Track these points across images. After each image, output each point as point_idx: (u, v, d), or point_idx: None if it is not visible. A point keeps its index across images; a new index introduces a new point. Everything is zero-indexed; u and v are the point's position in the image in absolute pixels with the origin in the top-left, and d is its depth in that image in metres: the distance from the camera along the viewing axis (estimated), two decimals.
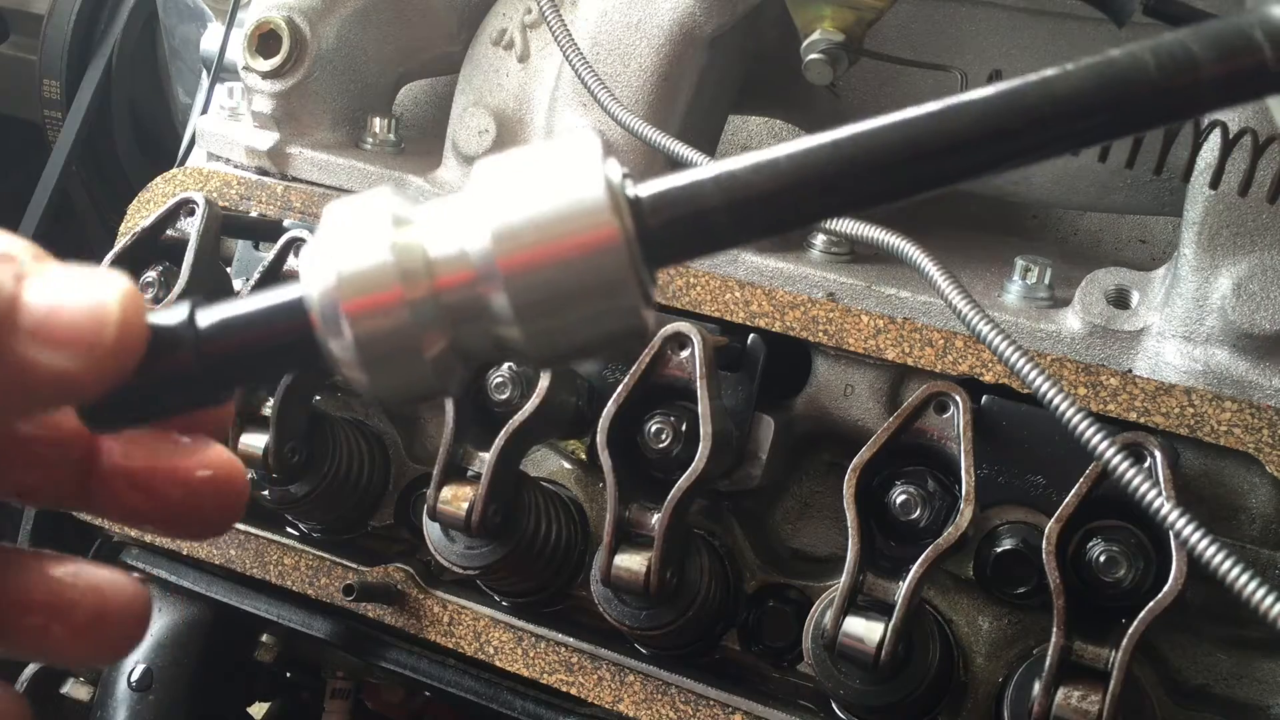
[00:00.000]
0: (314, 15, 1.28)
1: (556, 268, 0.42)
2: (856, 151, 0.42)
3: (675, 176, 0.44)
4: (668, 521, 0.98)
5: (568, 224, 0.42)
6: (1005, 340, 0.79)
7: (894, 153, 0.42)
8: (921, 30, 1.30)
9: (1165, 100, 0.41)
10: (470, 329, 0.44)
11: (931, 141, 0.42)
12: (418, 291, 0.43)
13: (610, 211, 0.42)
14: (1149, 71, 0.40)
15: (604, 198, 0.42)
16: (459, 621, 1.11)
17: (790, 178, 0.43)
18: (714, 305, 1.07)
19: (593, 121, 1.18)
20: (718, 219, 0.43)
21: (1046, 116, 0.41)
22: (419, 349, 0.43)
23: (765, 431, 1.07)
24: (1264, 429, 0.90)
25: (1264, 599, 0.60)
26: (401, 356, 0.43)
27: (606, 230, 0.42)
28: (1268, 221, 0.96)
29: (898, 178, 0.43)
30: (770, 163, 0.43)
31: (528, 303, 0.42)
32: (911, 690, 0.95)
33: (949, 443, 0.97)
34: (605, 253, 0.42)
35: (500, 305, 0.43)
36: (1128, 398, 0.94)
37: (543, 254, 0.42)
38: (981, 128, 0.42)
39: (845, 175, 0.42)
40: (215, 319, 0.46)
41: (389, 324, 0.43)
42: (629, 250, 0.42)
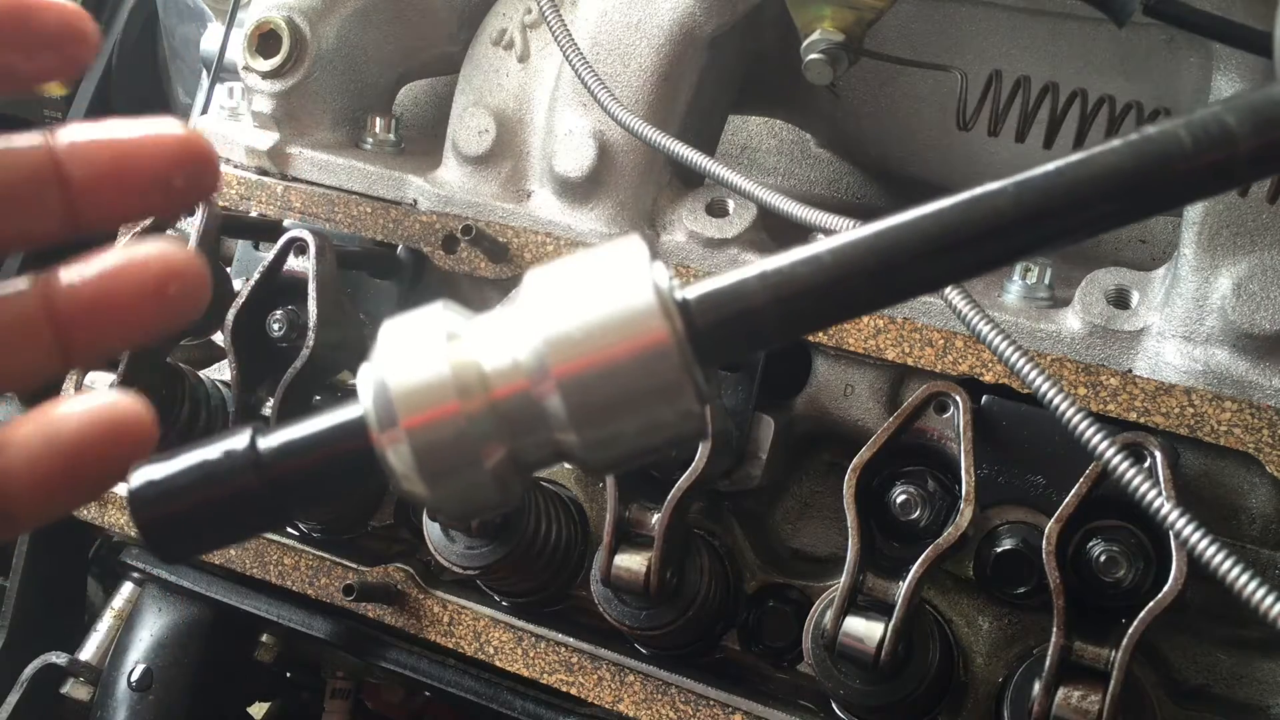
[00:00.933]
0: (314, 15, 1.28)
1: (610, 373, 0.43)
2: (898, 242, 0.43)
3: (721, 277, 0.44)
4: (667, 521, 0.98)
5: (619, 330, 0.43)
6: (1005, 340, 0.79)
7: (935, 241, 0.43)
8: (921, 30, 1.30)
9: (1202, 178, 0.41)
10: (527, 439, 0.44)
11: (972, 228, 0.42)
12: (474, 404, 0.43)
13: (660, 316, 0.43)
14: (1185, 148, 0.40)
15: (654, 302, 0.43)
16: (459, 621, 1.11)
17: (834, 272, 0.43)
18: None
19: (593, 121, 1.18)
20: (765, 316, 0.44)
21: (1086, 197, 0.41)
22: (478, 460, 0.44)
23: (765, 431, 1.07)
24: (1264, 429, 0.90)
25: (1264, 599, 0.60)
26: (461, 468, 0.44)
27: (657, 334, 0.42)
28: (1268, 221, 0.96)
29: (939, 266, 0.43)
30: (814, 258, 0.43)
31: (583, 409, 0.43)
32: (911, 690, 0.95)
33: (949, 443, 0.97)
34: (658, 356, 0.43)
35: (556, 412, 0.43)
36: (1128, 398, 0.94)
37: (596, 360, 0.43)
38: (1020, 212, 0.42)
39: (888, 266, 0.43)
40: (277, 443, 0.47)
41: (447, 437, 0.43)
42: (681, 353, 0.43)
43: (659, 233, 1.17)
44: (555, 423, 0.43)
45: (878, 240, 0.43)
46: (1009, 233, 0.42)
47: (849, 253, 0.43)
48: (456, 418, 0.43)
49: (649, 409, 0.43)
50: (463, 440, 0.43)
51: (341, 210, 1.23)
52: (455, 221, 1.17)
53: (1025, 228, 0.42)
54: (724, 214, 1.14)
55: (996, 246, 0.42)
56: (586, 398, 0.43)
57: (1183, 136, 0.40)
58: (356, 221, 1.23)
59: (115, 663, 1.32)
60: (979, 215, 0.42)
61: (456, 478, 0.44)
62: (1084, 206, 0.41)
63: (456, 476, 0.44)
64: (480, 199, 1.21)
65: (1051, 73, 1.15)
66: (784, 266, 0.43)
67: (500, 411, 0.44)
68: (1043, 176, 0.42)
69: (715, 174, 1.02)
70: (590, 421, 0.43)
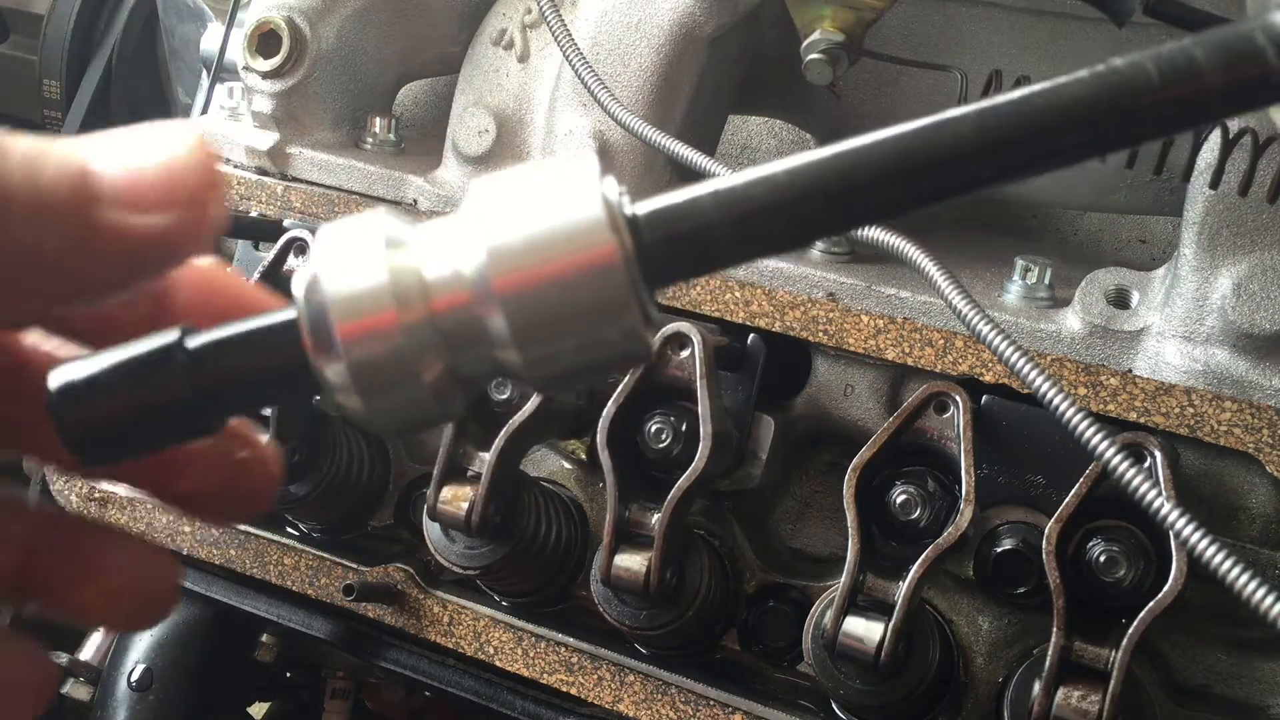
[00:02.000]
0: (314, 15, 1.28)
1: (554, 288, 0.41)
2: (856, 163, 0.41)
3: (672, 194, 0.43)
4: (667, 521, 0.98)
5: (565, 243, 0.41)
6: (1005, 340, 0.79)
7: (894, 164, 0.41)
8: (921, 30, 1.30)
9: (1169, 109, 0.40)
10: (468, 353, 0.43)
11: (933, 152, 0.41)
12: (414, 315, 0.42)
13: (608, 229, 0.41)
14: (1152, 80, 0.40)
15: (602, 215, 0.41)
16: (459, 621, 1.11)
17: (789, 191, 0.42)
18: (714, 305, 1.07)
19: (593, 122, 1.18)
20: (717, 234, 0.42)
21: (1049, 126, 0.41)
22: (417, 374, 0.42)
23: (765, 431, 1.07)
24: (1264, 429, 0.90)
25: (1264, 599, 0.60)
26: (399, 382, 0.42)
27: (605, 248, 0.41)
28: (1268, 221, 0.96)
29: (898, 190, 0.42)
30: (768, 177, 0.42)
31: (525, 325, 0.41)
32: (911, 690, 0.95)
33: (949, 443, 0.97)
34: (604, 272, 0.41)
35: (498, 328, 0.42)
36: (1128, 398, 0.94)
37: (539, 274, 0.41)
38: (983, 138, 0.41)
39: (845, 188, 0.42)
40: (206, 340, 0.44)
41: (385, 348, 0.42)
42: (628, 269, 0.41)
43: None
44: (496, 337, 0.42)
45: (835, 162, 0.42)
46: (970, 160, 0.41)
47: (805, 173, 0.42)
48: (394, 329, 0.41)
49: (593, 326, 0.42)
50: (400, 353, 0.42)
51: (342, 210, 1.23)
52: None
53: (987, 155, 0.41)
54: None
55: (957, 173, 0.41)
56: (529, 313, 0.41)
57: (1150, 69, 0.40)
58: None
59: (115, 663, 1.32)
60: (940, 140, 0.41)
61: (393, 392, 0.42)
62: (1048, 136, 0.41)
63: (394, 390, 0.42)
64: None
65: (1051, 73, 1.14)
66: (738, 185, 0.42)
67: (440, 324, 0.42)
68: (1007, 104, 0.41)
69: (715, 174, 1.02)
70: (532, 338, 0.42)
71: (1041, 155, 0.41)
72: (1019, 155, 0.41)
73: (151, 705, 1.29)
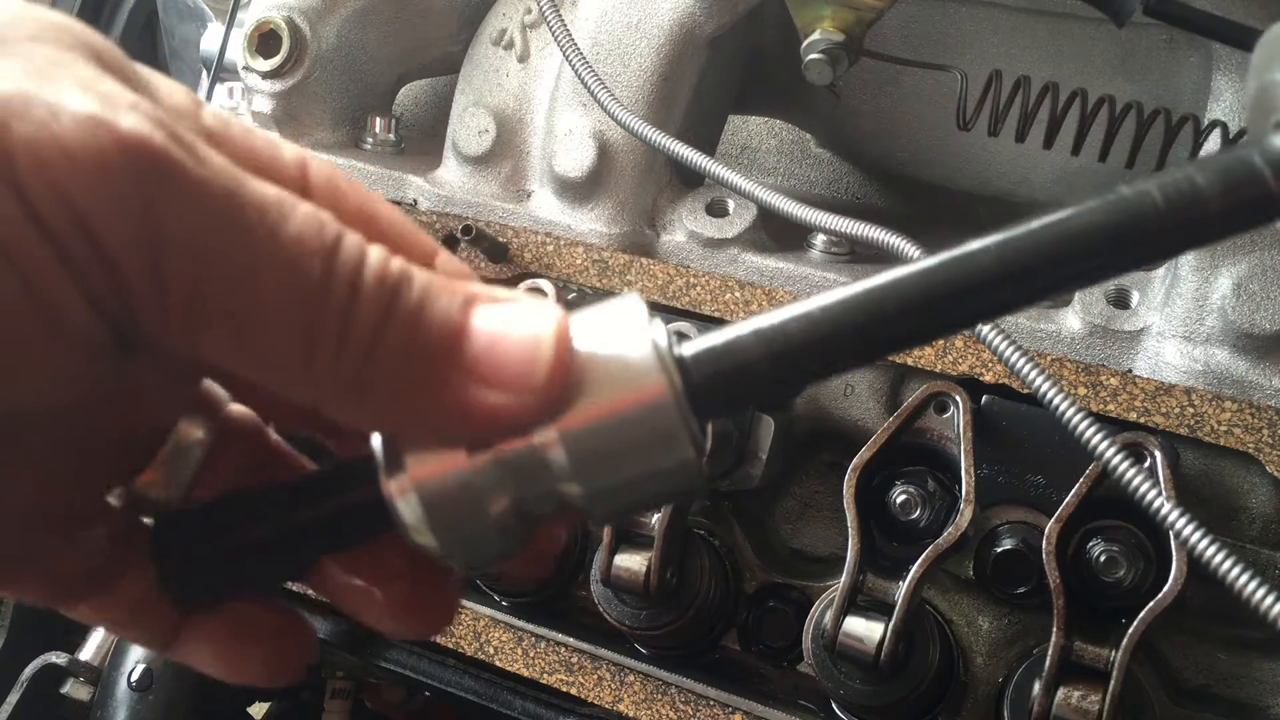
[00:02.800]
0: (314, 15, 1.28)
1: (610, 425, 0.45)
2: (885, 300, 0.45)
3: (716, 334, 0.46)
4: (667, 521, 0.98)
5: (620, 384, 0.45)
6: (1005, 340, 0.79)
7: (921, 298, 0.45)
8: (921, 30, 1.30)
9: (1175, 235, 0.43)
10: (531, 489, 0.46)
11: (956, 285, 0.44)
12: (481, 455, 0.45)
13: (659, 371, 0.45)
14: (1158, 206, 0.42)
15: (652, 357, 0.45)
16: (459, 621, 1.11)
17: (824, 328, 0.45)
18: (714, 305, 1.07)
19: (593, 122, 1.18)
20: (758, 370, 0.46)
21: (1063, 255, 0.44)
22: (484, 511, 0.45)
23: (765, 431, 1.07)
24: (1264, 429, 0.90)
25: (1264, 599, 0.60)
26: (467, 519, 0.45)
27: (656, 389, 0.44)
28: None
29: (926, 321, 0.45)
30: (805, 315, 0.45)
31: (584, 460, 0.45)
32: (911, 690, 0.95)
33: (949, 443, 0.97)
34: (656, 410, 0.44)
35: (559, 463, 0.45)
36: (1128, 398, 0.94)
37: (596, 412, 0.44)
38: (1003, 270, 0.44)
39: (875, 321, 0.45)
40: (292, 489, 0.49)
41: (454, 488, 0.45)
42: (678, 405, 0.45)
43: (659, 233, 1.17)
44: (559, 473, 0.45)
45: (866, 298, 0.45)
46: (992, 290, 0.44)
47: (838, 310, 0.45)
48: (463, 469, 0.45)
49: (648, 460, 0.45)
50: (469, 491, 0.45)
51: None
52: (455, 221, 1.17)
53: (1007, 285, 0.44)
54: (724, 214, 1.14)
55: (979, 303, 0.45)
56: (588, 449, 0.45)
57: (1155, 196, 0.43)
58: None
59: (115, 663, 1.32)
60: (962, 273, 0.44)
61: (463, 528, 0.45)
62: (1063, 264, 0.44)
63: (463, 527, 0.45)
64: (480, 199, 1.21)
65: (1051, 73, 1.15)
66: (777, 324, 0.46)
67: (505, 462, 0.45)
68: (1024, 235, 0.44)
69: (715, 174, 1.02)
70: (592, 472, 0.45)
71: (1059, 281, 0.45)
72: (1038, 283, 0.44)
73: (151, 705, 1.29)
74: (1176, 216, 0.42)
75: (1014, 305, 0.45)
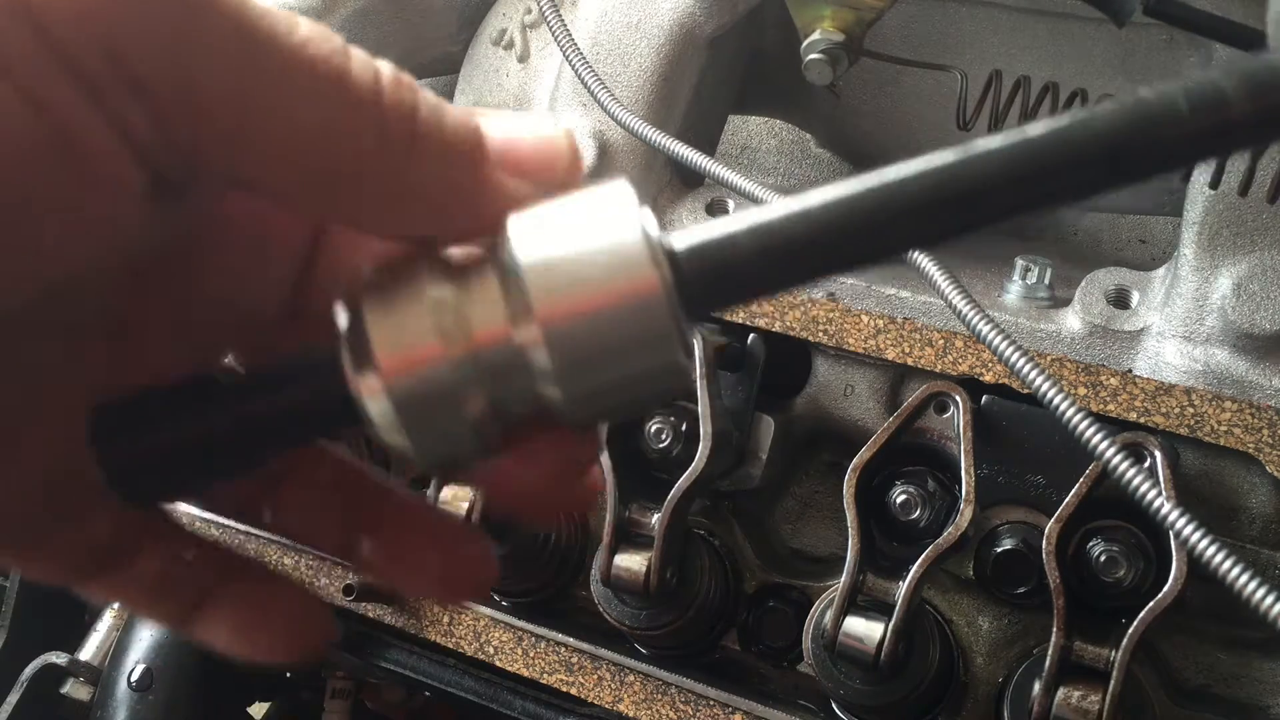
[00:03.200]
0: (314, 15, 1.28)
1: (596, 320, 0.41)
2: (889, 196, 0.42)
3: (708, 226, 0.43)
4: (667, 521, 0.98)
5: (607, 276, 0.41)
6: (1005, 340, 0.79)
7: (927, 197, 0.42)
8: (921, 30, 1.30)
9: (1198, 139, 0.41)
10: (509, 388, 0.42)
11: (965, 184, 0.41)
12: (456, 348, 0.42)
13: (649, 264, 0.41)
14: (1181, 110, 0.40)
15: (643, 249, 0.41)
16: (459, 621, 1.11)
17: (823, 223, 0.42)
18: None
19: (593, 122, 1.18)
20: (752, 267, 0.43)
21: (1083, 158, 0.41)
22: (459, 409, 0.42)
23: (765, 431, 1.07)
24: (1264, 429, 0.90)
25: (1264, 599, 0.60)
26: (441, 417, 0.42)
27: (646, 281, 0.41)
28: (1268, 221, 0.96)
29: (930, 222, 0.42)
30: (803, 211, 0.42)
31: (568, 357, 0.41)
32: (911, 690, 0.95)
33: (949, 443, 0.97)
34: (646, 306, 0.41)
35: (541, 361, 0.41)
36: (1128, 398, 0.94)
37: (582, 307, 0.41)
38: (1015, 169, 0.41)
39: (877, 220, 0.42)
40: (248, 373, 0.45)
41: (428, 384, 0.41)
42: (669, 301, 0.41)
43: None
44: (539, 372, 0.42)
45: (868, 195, 0.42)
46: (1001, 191, 0.41)
47: (839, 206, 0.42)
48: (438, 363, 0.41)
49: (635, 361, 0.42)
50: (444, 387, 0.41)
51: None
52: None
53: (1019, 186, 0.41)
54: (724, 214, 1.14)
55: (988, 205, 0.42)
56: (571, 345, 0.41)
57: (1179, 100, 0.40)
58: None
59: (115, 663, 1.32)
60: (972, 172, 0.41)
61: (436, 426, 0.42)
62: (1080, 166, 0.41)
63: (436, 425, 0.42)
64: None
65: (1051, 73, 1.15)
66: (774, 219, 0.42)
67: (482, 359, 0.42)
68: (1041, 136, 0.41)
69: (715, 174, 1.02)
70: (575, 372, 0.41)
71: (1073, 186, 0.42)
72: (1051, 186, 0.41)
73: (151, 705, 1.29)
74: (1201, 121, 0.40)
75: (1025, 209, 0.42)
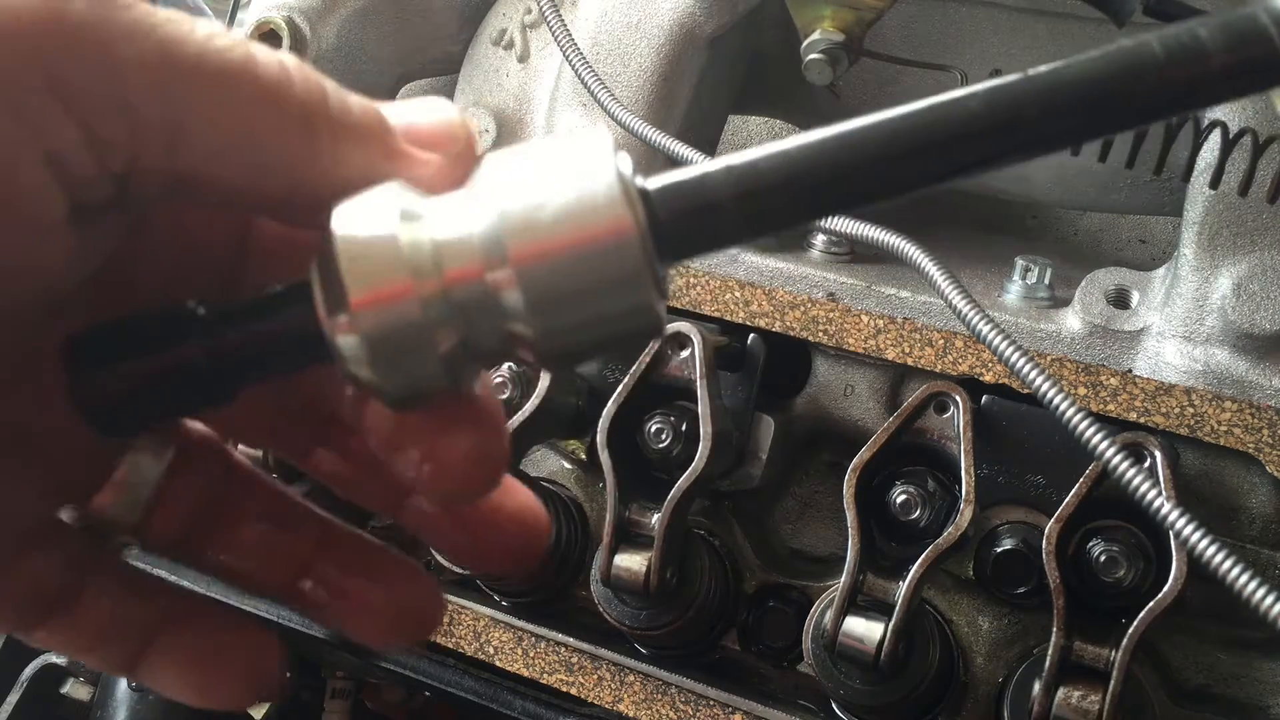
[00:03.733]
0: (314, 15, 1.28)
1: (568, 260, 0.41)
2: (865, 140, 0.42)
3: (685, 170, 0.43)
4: (667, 521, 0.98)
5: (580, 216, 0.41)
6: (1005, 340, 0.79)
7: (903, 141, 0.42)
8: (921, 30, 1.30)
9: (1174, 88, 0.40)
10: (480, 325, 0.43)
11: (940, 130, 0.42)
12: (428, 285, 0.42)
13: (623, 204, 0.41)
14: (1158, 59, 0.40)
15: (616, 189, 0.42)
16: (459, 621, 1.11)
17: (801, 167, 0.42)
18: (714, 305, 1.07)
19: (593, 121, 1.18)
20: (728, 210, 0.43)
21: (1058, 105, 0.41)
22: (430, 345, 0.42)
23: (765, 431, 1.07)
24: (1264, 429, 0.90)
25: (1264, 599, 0.60)
26: (411, 353, 0.42)
27: (620, 223, 0.41)
28: (1268, 221, 0.96)
29: (906, 167, 0.42)
30: (780, 153, 0.42)
31: (539, 295, 0.42)
32: (911, 690, 0.95)
33: (949, 443, 0.97)
34: (619, 246, 0.41)
35: (512, 300, 0.42)
36: (1128, 398, 0.94)
37: (555, 246, 0.41)
38: (992, 116, 0.41)
39: (855, 165, 0.42)
40: (221, 307, 0.45)
41: (399, 318, 0.42)
42: (642, 241, 0.41)
43: None
44: (510, 310, 0.42)
45: (844, 138, 0.42)
46: (977, 138, 0.41)
47: (816, 150, 0.42)
48: (409, 300, 0.42)
49: (607, 300, 0.42)
50: (414, 324, 0.42)
51: None
52: None
53: (995, 133, 0.41)
54: None
55: (964, 151, 0.42)
56: (543, 283, 0.41)
57: (1155, 49, 0.40)
58: None
59: None
60: (949, 119, 0.41)
61: (406, 362, 0.42)
62: (1055, 114, 0.41)
63: (406, 362, 0.42)
64: None
65: None
66: (750, 161, 0.42)
67: (453, 294, 0.42)
68: (1016, 82, 0.41)
69: None
70: (545, 309, 0.42)
71: (1049, 134, 0.42)
72: (1027, 133, 0.41)
73: (151, 705, 1.29)
74: (1176, 70, 0.40)
75: (1001, 157, 0.42)
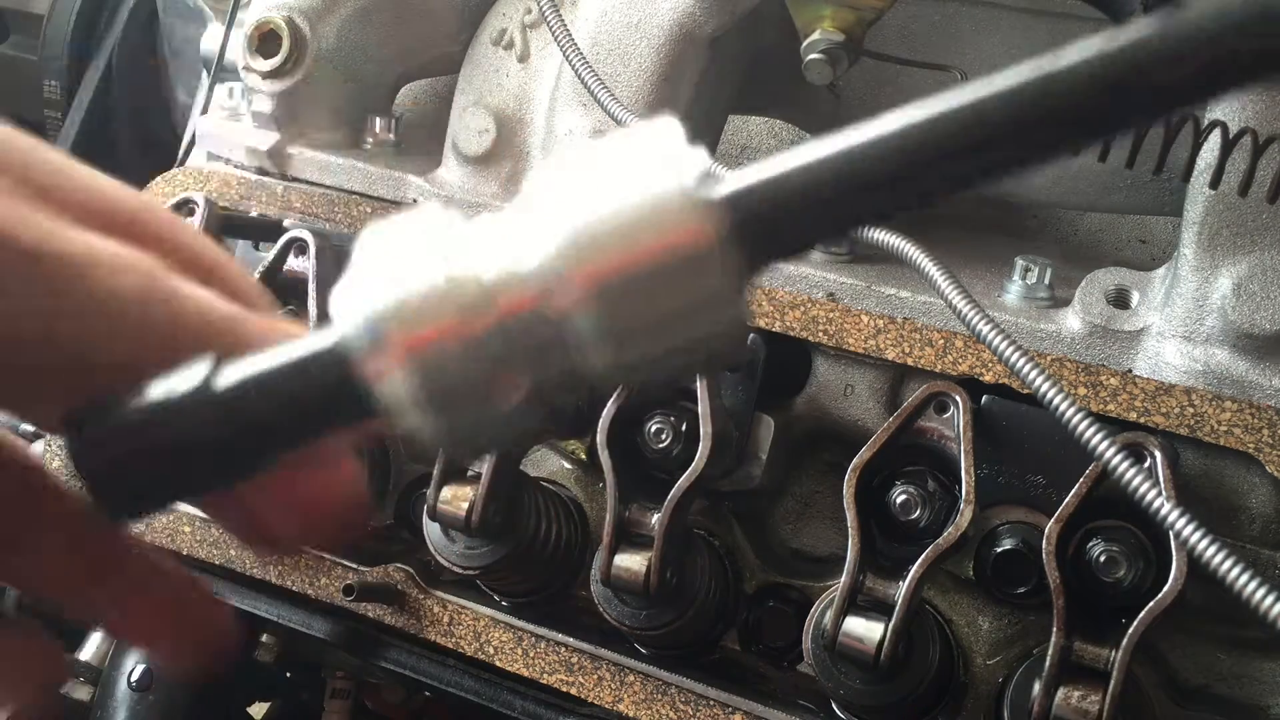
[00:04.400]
0: (314, 15, 1.28)
1: (640, 278, 0.36)
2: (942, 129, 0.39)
3: (755, 169, 0.39)
4: (667, 521, 0.98)
5: (650, 228, 0.36)
6: (1005, 340, 0.79)
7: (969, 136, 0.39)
8: (921, 30, 1.30)
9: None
10: (543, 360, 0.38)
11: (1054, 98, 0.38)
12: (481, 321, 0.37)
13: (704, 212, 0.37)
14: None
15: (695, 195, 0.37)
16: (459, 621, 1.11)
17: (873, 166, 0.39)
18: None
19: (593, 121, 1.18)
20: (808, 213, 0.39)
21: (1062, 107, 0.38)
22: (486, 389, 0.37)
23: (765, 431, 1.07)
24: (1264, 429, 0.90)
25: (1264, 599, 0.60)
26: (467, 397, 0.37)
27: (696, 230, 0.36)
28: (1268, 221, 0.96)
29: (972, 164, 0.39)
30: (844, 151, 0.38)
31: (611, 320, 0.37)
32: (911, 690, 0.95)
33: (949, 443, 0.97)
34: (698, 257, 0.36)
35: (581, 329, 0.37)
36: (1128, 398, 0.94)
37: (625, 265, 0.36)
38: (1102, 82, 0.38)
39: (930, 157, 0.39)
40: (238, 377, 0.40)
41: (451, 361, 0.37)
42: (723, 252, 0.37)
43: None
44: (579, 338, 0.37)
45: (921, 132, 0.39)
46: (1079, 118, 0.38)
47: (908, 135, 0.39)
48: (460, 339, 0.37)
49: (686, 319, 0.37)
50: (469, 365, 0.37)
51: (342, 210, 1.23)
52: None
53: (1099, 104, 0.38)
54: None
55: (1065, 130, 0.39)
56: (613, 307, 0.36)
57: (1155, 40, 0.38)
58: (356, 221, 1.23)
59: (115, 663, 1.32)
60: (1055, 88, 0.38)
61: (467, 407, 0.37)
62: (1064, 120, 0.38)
63: (462, 408, 0.37)
64: (480, 199, 1.21)
65: None
66: (825, 157, 0.38)
67: (510, 330, 0.37)
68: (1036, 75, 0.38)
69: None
70: (619, 334, 0.37)
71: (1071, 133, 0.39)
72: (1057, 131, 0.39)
73: (151, 705, 1.29)
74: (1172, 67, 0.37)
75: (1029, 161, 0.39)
